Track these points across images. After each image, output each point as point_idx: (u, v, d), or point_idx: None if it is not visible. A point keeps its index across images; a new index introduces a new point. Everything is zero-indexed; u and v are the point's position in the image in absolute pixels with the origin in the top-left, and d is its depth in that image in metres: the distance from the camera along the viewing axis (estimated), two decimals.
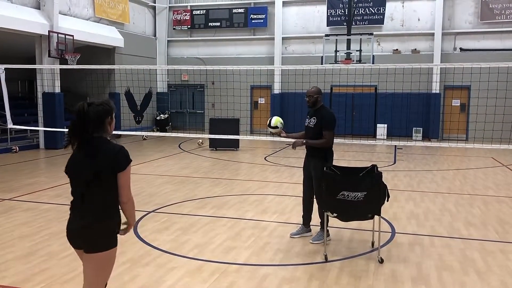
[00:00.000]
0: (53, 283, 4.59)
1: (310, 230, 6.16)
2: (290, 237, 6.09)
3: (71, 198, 3.21)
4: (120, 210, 3.26)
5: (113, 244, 3.16)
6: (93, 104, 3.11)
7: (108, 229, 3.13)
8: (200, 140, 14.10)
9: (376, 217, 5.30)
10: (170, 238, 6.03)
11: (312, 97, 5.90)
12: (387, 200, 5.34)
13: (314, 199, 6.06)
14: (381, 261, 5.20)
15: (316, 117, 5.85)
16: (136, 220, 6.82)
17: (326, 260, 5.24)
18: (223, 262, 5.19)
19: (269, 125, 6.29)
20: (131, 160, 3.24)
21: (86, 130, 3.06)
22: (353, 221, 5.79)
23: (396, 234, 6.29)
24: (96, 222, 3.08)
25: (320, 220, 5.91)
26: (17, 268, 4.97)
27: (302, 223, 6.22)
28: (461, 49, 18.71)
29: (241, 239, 6.00)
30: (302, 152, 6.28)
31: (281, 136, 6.41)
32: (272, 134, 6.51)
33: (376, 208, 5.21)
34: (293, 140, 6.11)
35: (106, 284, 3.38)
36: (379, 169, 5.42)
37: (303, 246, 5.75)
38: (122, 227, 3.28)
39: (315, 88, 5.97)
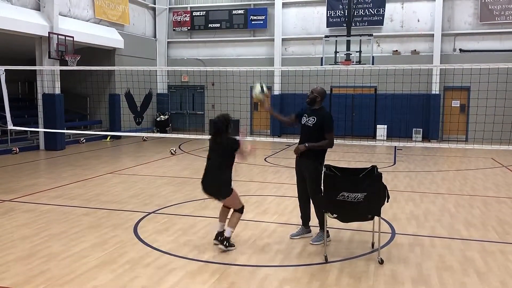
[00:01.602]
0: (53, 285, 4.59)
1: (310, 231, 6.16)
2: (290, 238, 6.09)
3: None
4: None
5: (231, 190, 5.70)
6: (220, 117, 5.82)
7: (230, 182, 5.69)
8: (174, 149, 14.03)
9: (376, 218, 5.30)
10: (170, 239, 6.03)
11: (313, 95, 5.91)
12: (387, 201, 5.35)
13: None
14: (381, 262, 5.20)
15: (316, 117, 5.84)
16: (136, 221, 6.84)
17: (326, 261, 5.25)
18: (224, 263, 5.19)
19: (256, 93, 6.39)
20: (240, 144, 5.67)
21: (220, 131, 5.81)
22: (353, 222, 5.80)
23: (396, 235, 6.29)
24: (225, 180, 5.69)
25: (318, 221, 5.91)
26: (17, 269, 4.97)
27: (301, 224, 6.22)
28: (460, 50, 18.73)
29: (241, 240, 6.00)
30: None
31: (265, 107, 6.51)
32: (258, 103, 6.73)
33: (376, 209, 5.21)
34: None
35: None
36: (379, 170, 5.43)
37: (303, 247, 5.75)
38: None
39: (320, 88, 5.97)
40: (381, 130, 18.99)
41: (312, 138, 5.81)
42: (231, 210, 5.81)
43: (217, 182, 5.60)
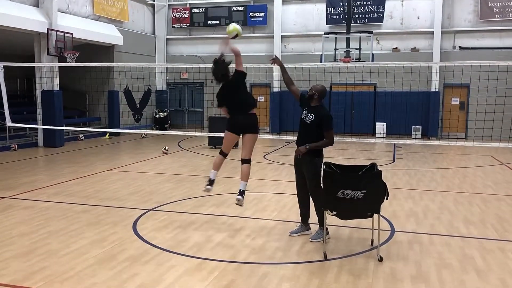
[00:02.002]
0: (52, 282, 4.58)
1: (309, 228, 6.16)
2: (289, 235, 6.08)
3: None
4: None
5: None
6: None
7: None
8: (166, 147, 13.90)
9: (376, 215, 5.30)
10: (169, 236, 6.03)
11: (311, 91, 5.90)
12: (387, 199, 5.35)
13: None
14: (381, 259, 5.20)
15: (314, 115, 5.82)
16: (135, 218, 6.83)
17: (326, 259, 5.24)
18: (223, 261, 5.18)
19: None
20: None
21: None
22: (352, 219, 5.80)
23: (395, 232, 6.29)
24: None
25: (318, 219, 5.91)
26: (16, 266, 4.96)
27: (301, 221, 6.22)
28: (460, 47, 18.71)
29: (240, 237, 6.00)
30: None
31: (275, 61, 6.79)
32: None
33: (375, 206, 5.21)
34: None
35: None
36: (378, 167, 5.42)
37: (302, 245, 5.75)
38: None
39: (321, 86, 5.92)
40: (381, 127, 18.98)
41: (310, 135, 5.80)
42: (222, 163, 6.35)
43: (253, 117, 6.28)
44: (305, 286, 4.56)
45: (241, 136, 6.31)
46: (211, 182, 6.31)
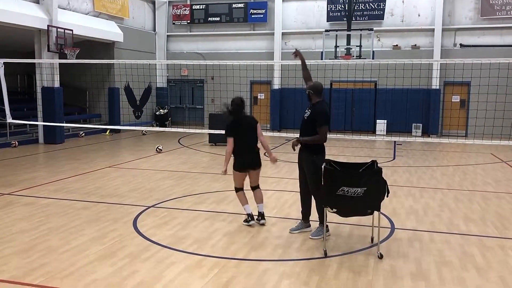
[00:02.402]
0: (52, 278, 4.59)
1: (309, 226, 6.16)
2: (290, 232, 6.09)
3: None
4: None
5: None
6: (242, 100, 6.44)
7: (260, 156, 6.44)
8: (160, 146, 13.69)
9: (376, 212, 5.30)
10: (170, 233, 6.03)
11: (307, 91, 5.94)
12: (387, 196, 5.34)
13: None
14: (381, 256, 5.20)
15: (311, 111, 5.86)
16: (135, 215, 6.84)
17: (326, 256, 5.25)
18: (223, 257, 5.19)
19: None
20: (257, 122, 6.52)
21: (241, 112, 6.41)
22: (352, 216, 5.80)
23: (395, 229, 6.29)
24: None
25: (318, 216, 5.91)
26: (16, 262, 4.97)
27: (301, 218, 6.22)
28: (461, 45, 18.68)
29: (240, 234, 6.00)
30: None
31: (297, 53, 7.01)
32: None
33: (375, 203, 5.21)
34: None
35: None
36: (378, 165, 5.42)
37: (302, 242, 5.76)
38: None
39: (313, 83, 5.97)
40: (381, 125, 18.97)
41: (307, 131, 5.83)
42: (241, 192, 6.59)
43: (258, 154, 6.50)
44: (305, 283, 4.56)
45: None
46: (251, 217, 6.43)
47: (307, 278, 4.66)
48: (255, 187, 6.52)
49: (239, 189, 6.49)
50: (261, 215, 6.49)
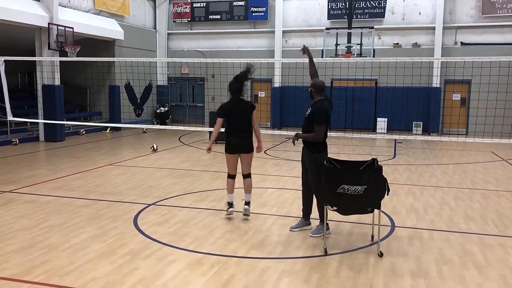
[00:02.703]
0: (53, 276, 4.60)
1: (309, 223, 6.17)
2: (290, 230, 6.10)
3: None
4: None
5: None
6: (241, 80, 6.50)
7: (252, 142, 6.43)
8: (155, 145, 13.42)
9: (376, 210, 5.31)
10: (170, 230, 6.04)
11: (309, 89, 5.95)
12: (387, 194, 5.35)
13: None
14: (381, 254, 5.21)
15: (311, 109, 5.89)
16: (136, 213, 6.85)
17: (326, 254, 5.25)
18: (223, 255, 5.20)
19: None
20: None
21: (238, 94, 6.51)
22: (353, 214, 5.80)
23: (395, 228, 6.30)
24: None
25: (319, 214, 5.91)
26: (17, 260, 4.98)
27: (301, 216, 6.23)
28: (462, 43, 18.66)
29: (240, 232, 6.01)
30: (301, 145, 6.26)
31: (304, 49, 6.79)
32: None
33: (376, 202, 5.21)
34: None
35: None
36: (379, 163, 5.41)
37: (302, 240, 5.76)
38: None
39: (313, 81, 5.97)
40: (382, 123, 18.97)
41: (307, 129, 5.86)
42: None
43: (250, 138, 6.49)
44: (305, 281, 4.57)
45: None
46: (231, 205, 6.54)
47: (307, 276, 4.67)
48: (246, 175, 6.55)
49: (230, 176, 6.55)
50: (246, 203, 6.55)
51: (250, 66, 6.50)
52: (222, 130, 6.61)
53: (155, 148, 13.29)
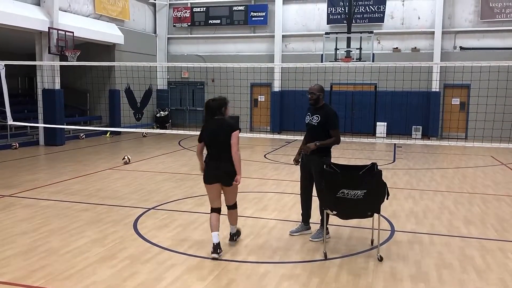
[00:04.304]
0: (53, 280, 4.60)
1: (309, 228, 6.17)
2: (290, 234, 6.10)
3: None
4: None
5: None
6: (214, 100, 5.50)
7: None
8: (128, 156, 11.93)
9: (376, 215, 5.31)
10: (170, 235, 6.04)
11: (315, 95, 5.85)
12: (387, 198, 5.36)
13: (313, 197, 6.07)
14: (381, 259, 5.21)
15: (320, 115, 5.81)
16: (136, 217, 6.85)
17: (326, 258, 5.26)
18: (223, 260, 5.19)
19: None
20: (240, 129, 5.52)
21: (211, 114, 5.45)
22: (352, 219, 5.81)
23: (395, 232, 6.30)
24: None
25: (320, 218, 5.91)
26: (17, 264, 4.98)
27: (301, 220, 6.23)
28: (461, 47, 18.71)
29: (240, 237, 6.00)
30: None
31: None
32: None
33: (375, 206, 5.22)
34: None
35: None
36: (378, 167, 5.43)
37: (302, 244, 5.76)
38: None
39: (317, 85, 5.93)
40: (381, 127, 18.99)
41: (318, 137, 5.77)
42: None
43: (232, 166, 5.38)
44: (305, 285, 4.57)
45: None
46: (216, 248, 5.23)
47: (307, 281, 4.67)
48: (230, 207, 5.60)
49: (212, 210, 5.47)
50: (231, 237, 5.77)
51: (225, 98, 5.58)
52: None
53: (128, 161, 11.82)
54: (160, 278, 4.67)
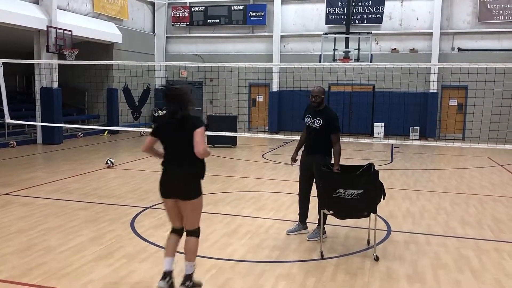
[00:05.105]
0: (49, 278, 4.60)
1: (306, 227, 6.19)
2: (287, 234, 6.12)
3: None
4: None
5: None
6: (179, 89, 4.43)
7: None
8: (111, 159, 11.43)
9: (372, 215, 5.33)
10: (167, 234, 6.02)
11: (319, 98, 5.85)
12: (383, 199, 5.38)
13: (311, 196, 6.09)
14: (377, 258, 5.23)
15: (321, 119, 5.80)
16: (133, 216, 6.85)
17: (322, 257, 5.27)
18: (219, 259, 5.21)
19: None
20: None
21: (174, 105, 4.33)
22: (349, 219, 5.83)
23: (392, 232, 6.32)
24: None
25: (318, 217, 5.93)
26: (14, 262, 4.98)
27: (298, 220, 6.25)
28: (459, 49, 18.76)
29: (237, 236, 6.02)
30: (300, 150, 6.28)
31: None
32: None
33: (372, 206, 5.24)
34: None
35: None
36: (375, 168, 5.45)
37: (299, 243, 5.78)
38: None
39: (320, 88, 5.91)
40: (379, 128, 19.02)
41: (320, 141, 5.80)
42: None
43: (192, 176, 4.29)
44: (301, 284, 4.59)
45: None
46: (165, 276, 4.24)
47: (303, 280, 4.69)
48: (189, 232, 4.29)
49: (172, 230, 4.39)
50: (184, 280, 4.25)
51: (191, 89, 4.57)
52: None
53: (111, 165, 11.24)
54: (156, 277, 4.65)
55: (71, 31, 15.38)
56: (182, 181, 4.17)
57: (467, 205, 8.01)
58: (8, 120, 10.97)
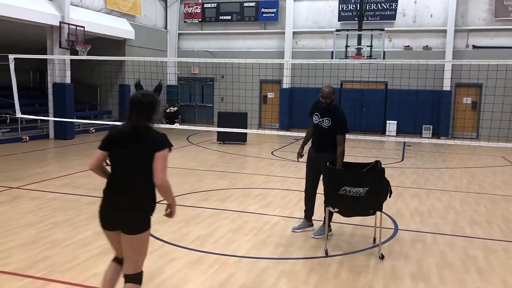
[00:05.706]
0: (55, 271, 4.64)
1: (312, 225, 6.16)
2: (292, 231, 6.09)
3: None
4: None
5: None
6: (146, 95, 3.54)
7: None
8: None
9: (378, 213, 5.28)
10: (172, 229, 6.06)
11: (329, 99, 5.80)
12: (389, 197, 5.32)
13: (317, 194, 6.05)
14: (382, 257, 5.18)
15: (330, 118, 5.75)
16: None
17: (327, 255, 5.24)
18: (223, 254, 5.21)
19: None
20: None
21: (136, 114, 3.47)
22: (354, 216, 5.78)
23: (399, 230, 6.26)
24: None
25: (324, 215, 5.89)
26: (20, 255, 5.04)
27: (304, 217, 6.22)
28: (473, 46, 18.47)
29: (242, 232, 6.02)
30: (307, 147, 6.25)
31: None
32: None
33: (378, 204, 5.18)
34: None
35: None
36: (385, 166, 5.38)
37: (304, 241, 5.75)
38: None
39: (330, 88, 5.85)
40: (391, 125, 18.85)
41: (328, 140, 5.76)
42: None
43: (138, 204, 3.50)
44: (304, 281, 4.56)
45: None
46: None
47: (306, 277, 4.67)
48: (128, 278, 3.40)
49: (113, 259, 3.64)
50: None
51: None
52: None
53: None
54: (160, 271, 4.69)
55: (83, 27, 15.48)
56: (126, 210, 3.34)
57: (477, 204, 7.89)
58: (19, 114, 11.10)
